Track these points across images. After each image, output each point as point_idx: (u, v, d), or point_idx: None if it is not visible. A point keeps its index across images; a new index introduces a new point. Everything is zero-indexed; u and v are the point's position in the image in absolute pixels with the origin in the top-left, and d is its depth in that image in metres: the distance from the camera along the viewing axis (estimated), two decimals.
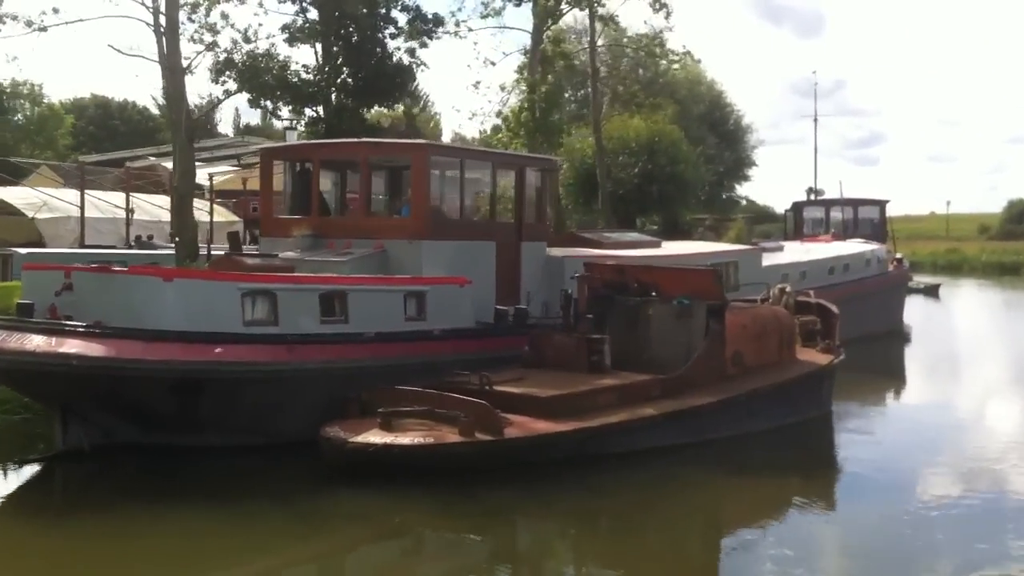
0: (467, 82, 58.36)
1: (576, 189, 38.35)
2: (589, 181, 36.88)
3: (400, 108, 25.29)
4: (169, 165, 23.03)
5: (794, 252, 27.26)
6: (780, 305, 16.43)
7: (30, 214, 25.81)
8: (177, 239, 20.29)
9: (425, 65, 26.17)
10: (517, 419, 11.34)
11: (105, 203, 26.88)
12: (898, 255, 30.79)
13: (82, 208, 24.31)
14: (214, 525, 9.60)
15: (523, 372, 12.98)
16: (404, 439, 10.65)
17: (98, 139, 58.71)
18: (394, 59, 25.15)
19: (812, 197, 40.03)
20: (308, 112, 25.41)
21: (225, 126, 68.13)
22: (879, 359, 22.55)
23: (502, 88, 34.12)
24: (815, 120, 58.17)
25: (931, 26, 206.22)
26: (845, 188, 34.37)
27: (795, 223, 37.74)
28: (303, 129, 24.41)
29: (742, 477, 11.86)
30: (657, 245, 21.76)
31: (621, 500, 10.79)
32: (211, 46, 22.20)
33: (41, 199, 26.52)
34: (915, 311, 34.14)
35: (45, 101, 63.64)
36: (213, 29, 22.85)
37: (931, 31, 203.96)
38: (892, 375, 20.75)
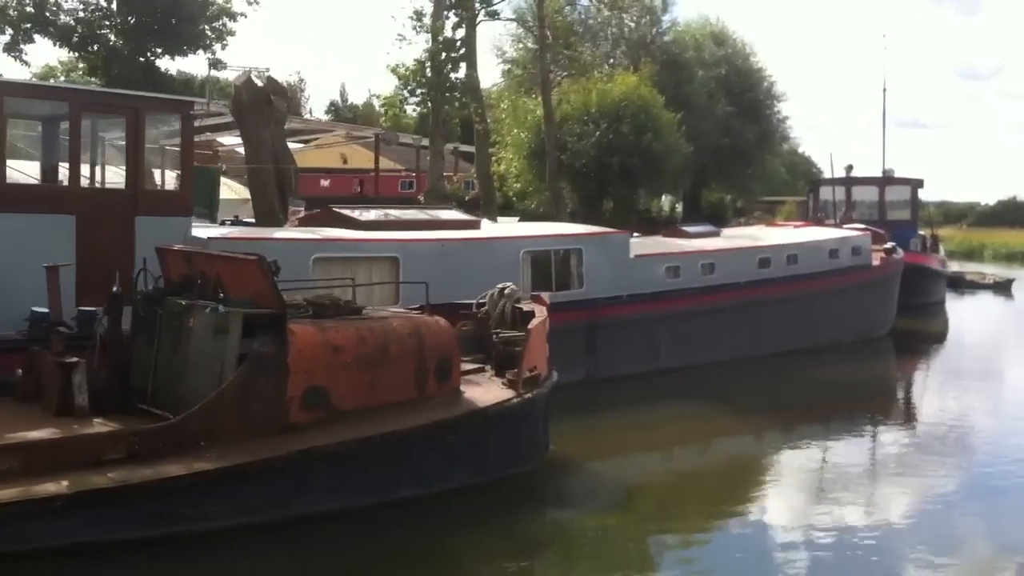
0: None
1: (533, 163, 33.26)
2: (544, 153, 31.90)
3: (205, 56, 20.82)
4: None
5: (726, 239, 22.22)
6: (497, 311, 11.50)
7: None
8: None
9: (257, 3, 21.66)
10: None
11: None
12: (889, 244, 25.10)
13: None
14: None
15: None
16: None
17: None
18: None
19: (848, 175, 34.95)
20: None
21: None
22: (793, 383, 17.48)
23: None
24: (884, 90, 56.99)
25: None
26: None
27: (814, 204, 34.82)
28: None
29: None
30: (475, 226, 16.88)
31: None
32: None
33: None
34: (970, 311, 29.57)
35: None
36: None
37: None
38: (764, 411, 15.12)
